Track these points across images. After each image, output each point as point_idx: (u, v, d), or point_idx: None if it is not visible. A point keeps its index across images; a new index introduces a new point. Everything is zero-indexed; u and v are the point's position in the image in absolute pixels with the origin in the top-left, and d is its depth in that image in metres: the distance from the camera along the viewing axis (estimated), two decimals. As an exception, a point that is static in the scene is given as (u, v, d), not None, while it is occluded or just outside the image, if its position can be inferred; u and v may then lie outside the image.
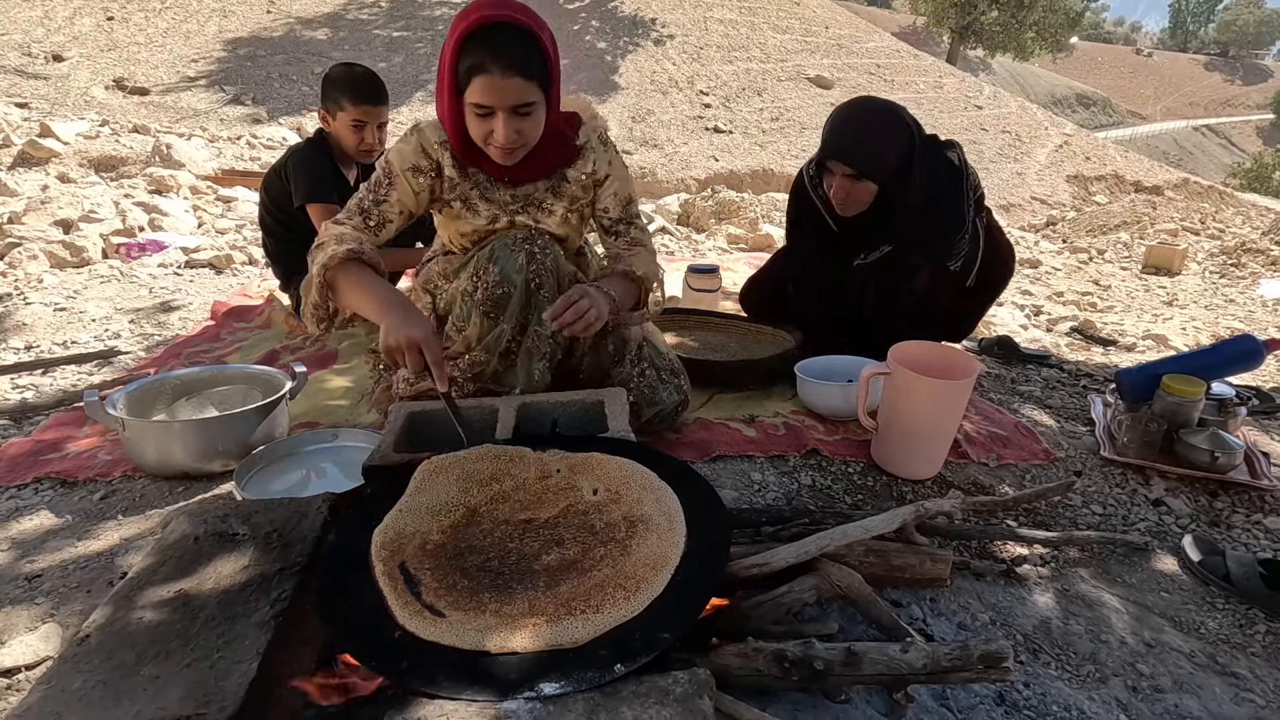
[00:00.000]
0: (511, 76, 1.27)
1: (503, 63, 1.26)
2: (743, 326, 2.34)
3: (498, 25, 1.26)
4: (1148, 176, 12.72)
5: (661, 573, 0.91)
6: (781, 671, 0.89)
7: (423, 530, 1.01)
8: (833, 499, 1.53)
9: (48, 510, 1.37)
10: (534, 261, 1.47)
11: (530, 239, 1.48)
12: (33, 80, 8.89)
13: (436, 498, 1.07)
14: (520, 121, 1.32)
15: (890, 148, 1.77)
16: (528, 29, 1.28)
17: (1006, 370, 2.42)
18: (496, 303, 1.47)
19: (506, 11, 1.27)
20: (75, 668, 0.78)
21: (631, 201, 1.63)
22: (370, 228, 1.44)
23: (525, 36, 1.28)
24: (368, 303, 1.33)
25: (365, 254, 1.37)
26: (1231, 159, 37.09)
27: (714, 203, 5.83)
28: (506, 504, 1.07)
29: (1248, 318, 4.18)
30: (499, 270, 1.46)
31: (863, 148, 1.76)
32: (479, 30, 1.26)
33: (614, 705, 0.74)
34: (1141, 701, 1.05)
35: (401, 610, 0.87)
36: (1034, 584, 1.29)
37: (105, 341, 2.31)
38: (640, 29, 13.33)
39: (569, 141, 1.51)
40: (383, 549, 0.96)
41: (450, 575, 0.93)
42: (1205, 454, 1.61)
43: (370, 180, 1.48)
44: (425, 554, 0.97)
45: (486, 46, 1.26)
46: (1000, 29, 23.68)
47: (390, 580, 0.91)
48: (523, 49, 1.28)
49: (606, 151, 1.57)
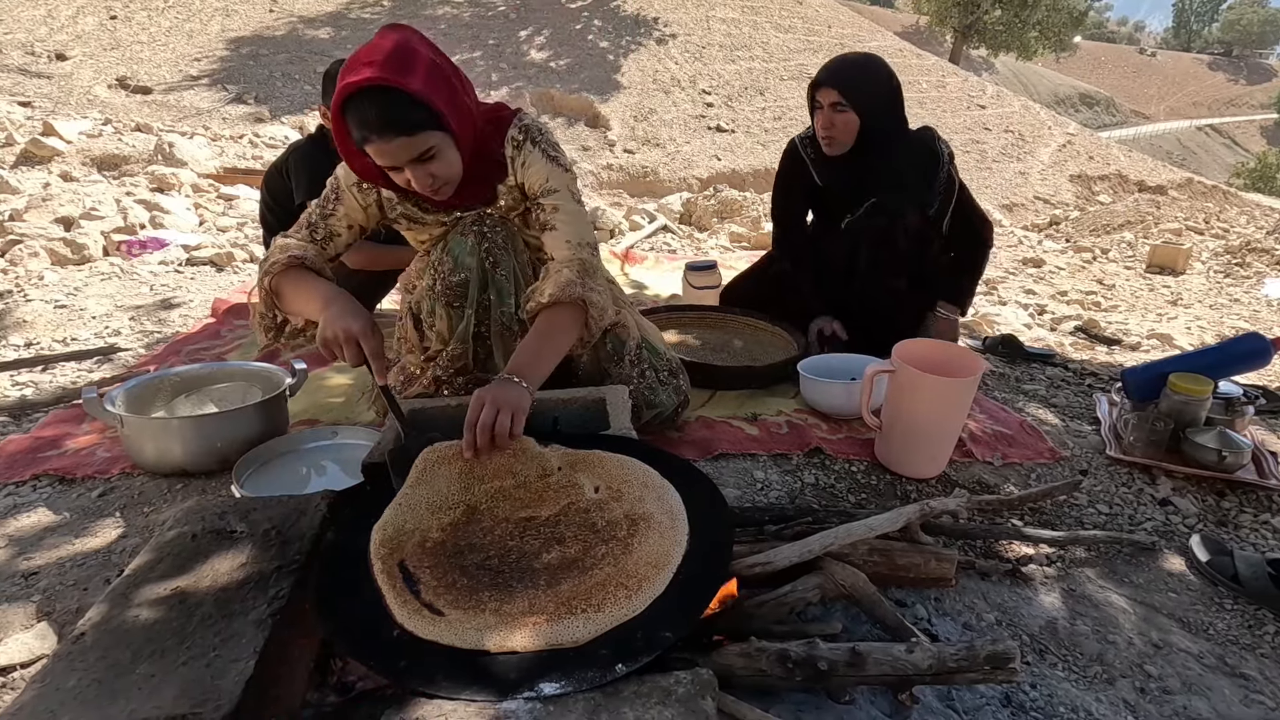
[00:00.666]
0: (394, 139, 1.20)
1: (378, 129, 1.19)
2: (742, 323, 2.33)
3: (361, 93, 1.18)
4: (1151, 176, 12.68)
5: (663, 571, 0.90)
6: (785, 672, 0.88)
7: (422, 528, 1.00)
8: (836, 498, 1.51)
9: (45, 507, 1.36)
10: (485, 240, 1.44)
11: (480, 219, 1.45)
12: (35, 79, 8.89)
13: (437, 492, 1.06)
14: (429, 165, 1.26)
15: (873, 85, 1.94)
16: (388, 86, 1.17)
17: (1011, 369, 2.41)
18: (455, 290, 1.46)
19: (364, 74, 1.17)
20: (70, 665, 0.77)
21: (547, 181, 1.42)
22: (316, 241, 1.40)
23: (391, 94, 1.18)
24: (309, 303, 1.27)
25: (308, 260, 1.33)
26: (1235, 159, 36.98)
27: (716, 202, 5.81)
28: (507, 501, 1.06)
29: (1253, 317, 4.15)
30: (452, 258, 1.45)
31: (850, 76, 1.93)
32: (347, 102, 1.19)
33: (615, 705, 0.73)
34: (1150, 703, 1.03)
35: (400, 609, 0.86)
36: (1040, 584, 1.28)
37: (105, 339, 2.30)
38: (642, 28, 13.31)
39: (498, 155, 1.41)
40: (381, 547, 0.95)
41: (450, 573, 0.92)
42: (1213, 453, 1.59)
43: (321, 195, 1.45)
44: (425, 552, 0.96)
45: (358, 117, 1.20)
46: (1003, 28, 23.59)
47: (389, 579, 0.90)
48: (391, 109, 1.19)
49: (520, 154, 1.41)
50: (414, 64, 1.21)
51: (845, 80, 1.91)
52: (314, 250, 1.38)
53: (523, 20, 13.03)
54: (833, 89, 1.90)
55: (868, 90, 1.93)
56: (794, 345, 2.10)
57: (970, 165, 12.04)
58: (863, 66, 1.97)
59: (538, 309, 1.35)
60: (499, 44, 11.98)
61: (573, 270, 1.37)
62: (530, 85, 10.71)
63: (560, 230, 1.41)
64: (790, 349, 2.11)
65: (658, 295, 3.07)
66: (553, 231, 1.41)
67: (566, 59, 11.82)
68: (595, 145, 9.85)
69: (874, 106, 1.93)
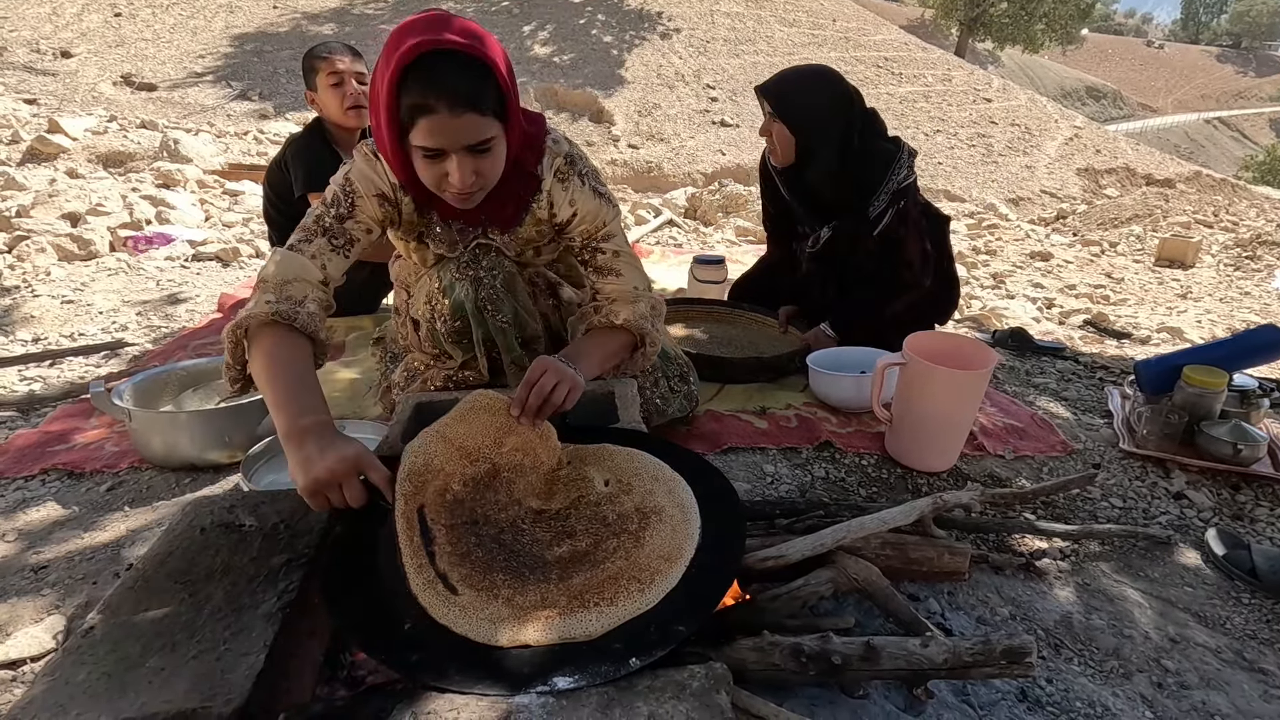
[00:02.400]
0: (464, 113, 1.07)
1: (451, 98, 1.06)
2: (749, 318, 2.32)
3: (440, 54, 1.05)
4: (1159, 169, 12.59)
5: (676, 565, 0.89)
6: (799, 666, 0.87)
7: (447, 470, 1.01)
8: (846, 491, 1.50)
9: (54, 502, 1.36)
10: (481, 287, 1.37)
11: (475, 261, 1.36)
12: (41, 76, 8.92)
13: (472, 437, 1.05)
14: (478, 161, 1.13)
15: (809, 99, 1.88)
16: (477, 55, 1.07)
17: (1021, 362, 2.39)
18: (458, 333, 1.43)
19: (447, 35, 1.06)
20: (79, 659, 0.77)
21: (603, 228, 1.37)
22: (337, 248, 1.22)
23: (475, 64, 1.08)
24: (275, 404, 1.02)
25: (298, 320, 1.10)
26: (1244, 152, 36.69)
27: (721, 196, 5.79)
28: (523, 480, 1.05)
29: (1264, 310, 4.12)
30: (450, 302, 1.40)
31: (785, 91, 1.90)
32: (419, 61, 1.05)
33: (629, 700, 0.72)
34: (1167, 698, 1.02)
35: (416, 576, 0.86)
36: (1054, 578, 1.26)
37: (113, 334, 2.30)
38: (646, 22, 13.27)
39: (529, 168, 1.30)
40: (407, 480, 0.97)
41: (465, 540, 0.92)
42: (1228, 446, 1.57)
43: (325, 198, 1.26)
44: (444, 505, 0.97)
45: (430, 81, 1.06)
46: (1010, 21, 23.45)
47: (408, 526, 0.91)
48: (474, 79, 1.08)
49: (567, 188, 1.33)
50: (492, 43, 1.11)
51: (779, 94, 1.89)
52: (318, 290, 1.18)
53: (526, 15, 13.00)
54: (766, 99, 1.90)
55: (801, 104, 1.87)
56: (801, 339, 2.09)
57: (976, 159, 11.99)
58: (803, 79, 1.91)
59: (606, 325, 1.32)
60: (502, 39, 11.91)
61: (647, 305, 1.36)
62: (534, 80, 10.69)
63: (626, 276, 1.37)
64: (798, 342, 2.10)
65: (664, 289, 3.06)
66: (618, 278, 1.37)
67: (570, 54, 11.80)
68: (600, 140, 9.83)
69: (809, 122, 1.87)
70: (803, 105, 1.88)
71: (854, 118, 1.89)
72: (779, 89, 1.89)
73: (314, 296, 1.15)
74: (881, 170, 1.87)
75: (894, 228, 1.89)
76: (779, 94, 1.89)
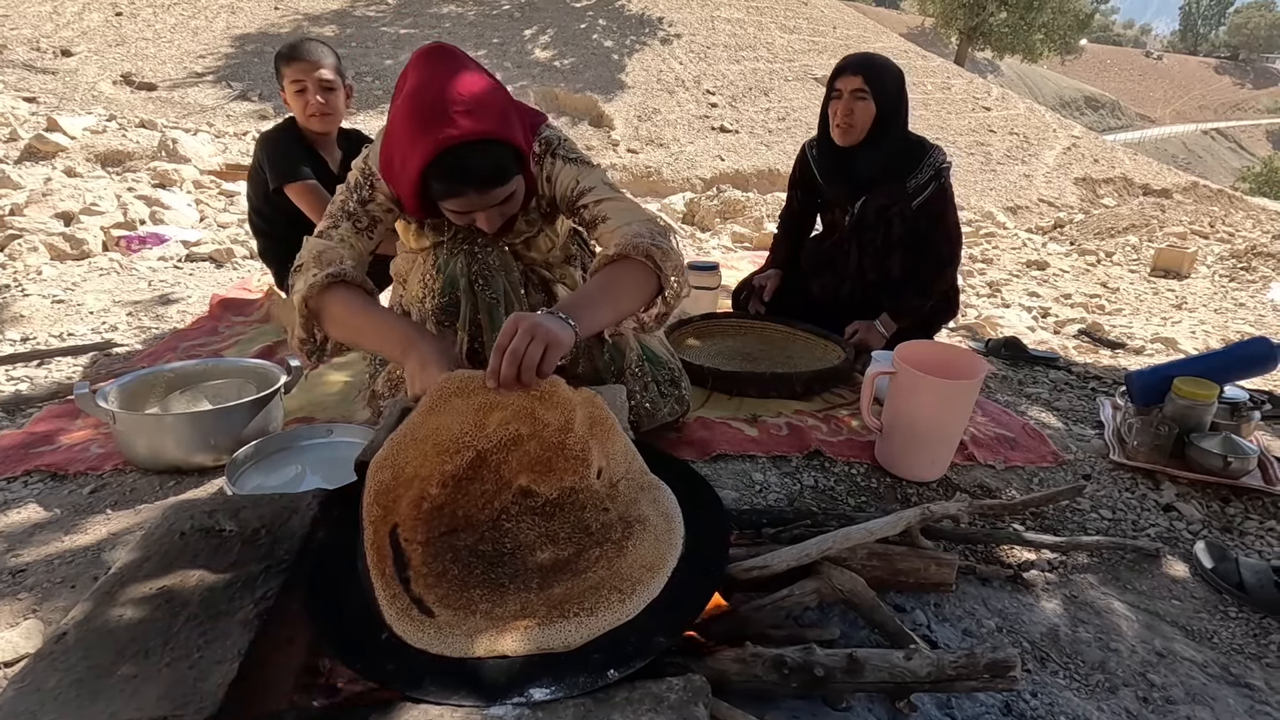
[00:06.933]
0: (491, 190, 1.17)
1: (479, 183, 1.15)
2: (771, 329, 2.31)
3: (462, 147, 1.11)
4: (1156, 179, 12.63)
5: (658, 575, 0.88)
6: (781, 678, 0.86)
7: (422, 475, 0.96)
8: (835, 500, 1.50)
9: (36, 503, 1.35)
10: (475, 261, 1.39)
11: (470, 238, 1.40)
12: (41, 75, 8.91)
13: (447, 429, 0.99)
14: (504, 207, 1.24)
15: (890, 77, 2.03)
16: (493, 140, 1.13)
17: (1014, 372, 2.39)
18: (447, 310, 1.41)
19: (466, 125, 1.10)
20: (51, 666, 0.76)
21: (578, 183, 1.34)
22: (362, 230, 1.32)
23: (494, 146, 1.14)
24: (380, 341, 1.20)
25: (348, 275, 1.23)
26: (1241, 163, 36.85)
27: (719, 202, 5.80)
28: (517, 454, 0.99)
29: (1258, 321, 4.13)
30: (445, 276, 1.40)
31: (873, 66, 2.02)
32: (441, 159, 1.12)
33: (606, 711, 0.72)
34: (1152, 713, 1.02)
35: (389, 606, 0.84)
36: (1041, 590, 1.26)
37: (102, 334, 2.29)
38: (647, 28, 13.29)
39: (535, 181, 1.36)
40: (375, 503, 0.93)
41: (441, 558, 0.90)
42: (1218, 459, 1.57)
43: (348, 183, 1.35)
44: (419, 518, 0.93)
45: (455, 174, 1.14)
46: (1009, 30, 23.52)
47: (379, 557, 0.88)
48: (496, 160, 1.16)
49: (543, 168, 1.37)
50: (504, 106, 1.18)
51: (869, 69, 2.00)
52: (352, 257, 1.28)
53: (527, 19, 13.02)
54: (856, 75, 1.99)
55: (886, 82, 2.01)
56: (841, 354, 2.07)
57: (975, 167, 12.01)
58: (883, 61, 2.07)
59: (600, 264, 1.22)
60: (503, 43, 11.97)
61: (643, 226, 1.25)
62: (534, 84, 10.70)
63: (613, 219, 1.29)
64: (829, 357, 2.11)
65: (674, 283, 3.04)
66: (605, 223, 1.30)
67: (571, 58, 11.81)
68: (599, 145, 9.83)
69: (889, 99, 2.01)
70: (888, 81, 2.01)
71: (905, 93, 2.07)
72: (868, 65, 2.00)
73: (349, 258, 1.27)
74: (919, 150, 2.06)
75: (934, 201, 2.06)
76: (870, 68, 1.99)
